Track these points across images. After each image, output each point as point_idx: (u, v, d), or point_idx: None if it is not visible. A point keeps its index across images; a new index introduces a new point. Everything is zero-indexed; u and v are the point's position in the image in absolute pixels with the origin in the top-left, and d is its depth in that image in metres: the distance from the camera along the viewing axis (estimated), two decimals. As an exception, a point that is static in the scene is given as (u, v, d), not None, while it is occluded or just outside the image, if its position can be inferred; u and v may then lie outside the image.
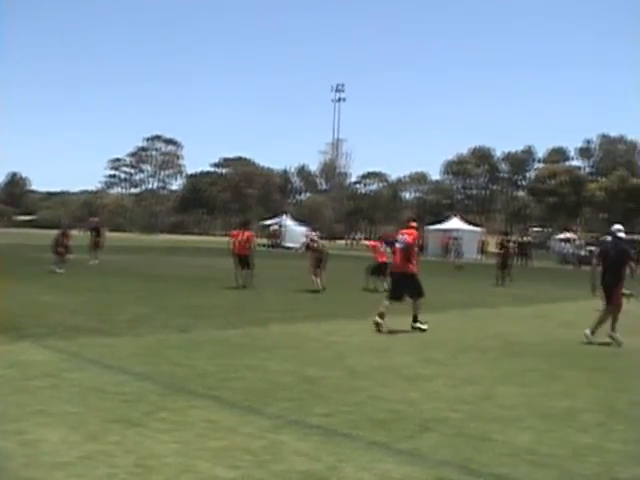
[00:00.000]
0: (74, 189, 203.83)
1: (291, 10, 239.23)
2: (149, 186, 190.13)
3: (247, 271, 24.74)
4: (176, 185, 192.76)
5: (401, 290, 16.08)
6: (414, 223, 16.97)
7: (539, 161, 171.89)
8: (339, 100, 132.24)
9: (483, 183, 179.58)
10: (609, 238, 16.19)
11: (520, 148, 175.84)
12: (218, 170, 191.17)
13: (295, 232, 77.99)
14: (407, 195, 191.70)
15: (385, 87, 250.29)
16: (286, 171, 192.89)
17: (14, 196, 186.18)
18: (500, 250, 34.79)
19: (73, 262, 29.73)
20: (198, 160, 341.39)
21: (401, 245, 16.12)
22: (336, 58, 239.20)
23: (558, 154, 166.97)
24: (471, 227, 77.60)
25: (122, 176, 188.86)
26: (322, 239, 31.49)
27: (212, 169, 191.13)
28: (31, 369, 9.85)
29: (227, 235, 29.94)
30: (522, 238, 64.17)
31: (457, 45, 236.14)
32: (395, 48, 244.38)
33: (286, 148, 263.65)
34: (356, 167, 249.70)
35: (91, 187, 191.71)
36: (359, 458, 6.57)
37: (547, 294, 24.33)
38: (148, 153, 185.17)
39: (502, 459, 6.74)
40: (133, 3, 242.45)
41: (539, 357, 12.71)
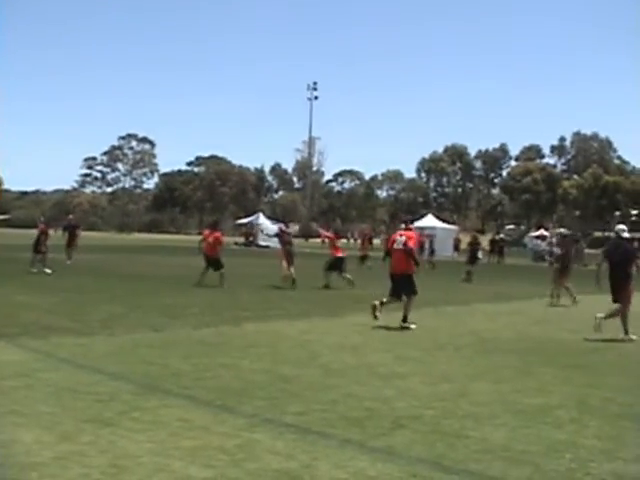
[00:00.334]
0: (48, 188, 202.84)
1: (266, 8, 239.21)
2: (123, 185, 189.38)
3: (218, 272, 24.79)
4: (150, 184, 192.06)
5: (400, 289, 16.52)
6: (409, 225, 17.57)
7: (515, 159, 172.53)
8: (315, 99, 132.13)
9: (457, 181, 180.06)
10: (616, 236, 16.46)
11: (494, 146, 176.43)
12: (192, 169, 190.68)
13: (269, 231, 77.93)
14: (382, 193, 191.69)
15: (359, 85, 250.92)
16: (261, 169, 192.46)
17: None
18: (470, 247, 35.24)
19: (48, 261, 29.54)
20: (172, 159, 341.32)
21: (400, 246, 16.42)
22: (310, 56, 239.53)
23: (532, 152, 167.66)
24: (445, 225, 77.84)
25: (96, 175, 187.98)
26: (297, 237, 31.59)
27: (186, 168, 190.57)
28: (4, 369, 9.80)
29: (200, 234, 29.87)
30: (496, 236, 64.17)
31: (431, 43, 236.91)
32: (369, 46, 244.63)
33: (260, 146, 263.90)
34: (330, 165, 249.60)
35: (65, 186, 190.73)
36: (333, 456, 6.58)
37: (521, 291, 24.42)
38: (122, 152, 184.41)
39: (476, 456, 6.76)
40: (107, 2, 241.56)
41: (513, 354, 12.75)
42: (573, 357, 12.66)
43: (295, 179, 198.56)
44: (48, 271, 27.59)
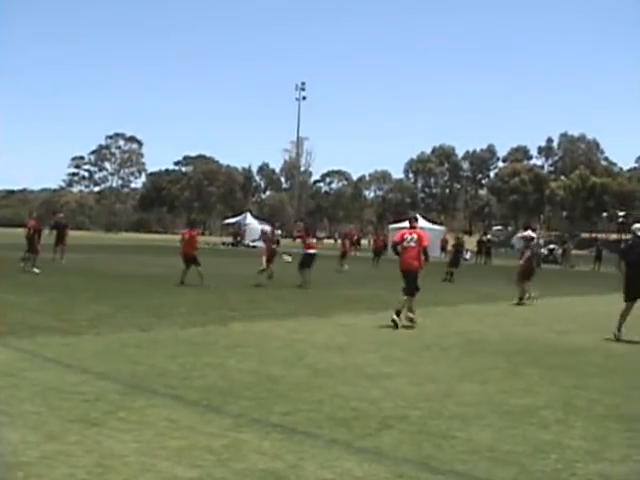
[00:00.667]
0: (35, 187, 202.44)
1: (254, 8, 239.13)
2: (110, 184, 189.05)
3: (196, 270, 24.93)
4: (138, 183, 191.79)
5: (413, 286, 17.09)
6: (417, 223, 18.13)
7: (503, 160, 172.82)
8: (303, 99, 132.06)
9: (445, 182, 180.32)
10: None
11: (482, 147, 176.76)
12: (180, 168, 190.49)
13: (257, 231, 77.92)
14: (369, 194, 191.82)
15: (347, 86, 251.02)
16: (248, 169, 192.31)
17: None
18: (454, 249, 35.59)
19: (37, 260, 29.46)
20: (159, 158, 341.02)
21: (412, 244, 16.90)
22: (298, 56, 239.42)
23: (520, 153, 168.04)
24: (433, 226, 77.87)
25: (84, 174, 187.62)
26: (284, 238, 31.70)
27: (174, 167, 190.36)
28: (-10, 368, 9.78)
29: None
30: (483, 237, 64.29)
31: (420, 44, 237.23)
32: (358, 46, 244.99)
33: (248, 146, 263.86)
34: (318, 166, 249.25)
35: (53, 185, 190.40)
36: (320, 456, 6.57)
37: (508, 292, 24.47)
38: (109, 151, 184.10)
39: (463, 456, 6.76)
40: (96, 4, 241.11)
41: (500, 355, 12.77)
42: (559, 358, 12.69)
43: (283, 179, 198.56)
44: (36, 271, 27.50)
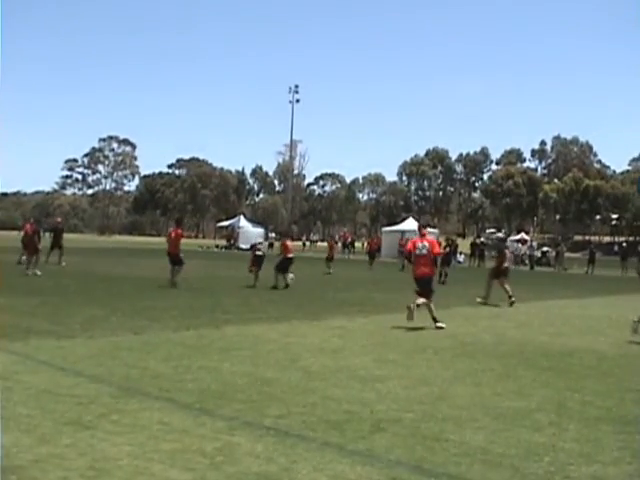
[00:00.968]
0: (28, 190, 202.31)
1: (248, 11, 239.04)
2: (104, 187, 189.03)
3: (176, 268, 25.16)
4: (131, 186, 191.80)
5: (427, 291, 17.34)
6: (425, 230, 18.56)
7: (496, 163, 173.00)
8: (296, 101, 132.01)
9: (438, 184, 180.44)
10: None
11: (475, 150, 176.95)
12: (173, 171, 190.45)
13: (251, 233, 77.94)
14: (363, 196, 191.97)
15: (341, 88, 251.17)
16: (242, 172, 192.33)
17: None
18: (444, 249, 35.78)
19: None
20: (153, 161, 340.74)
21: (424, 252, 17.40)
22: (291, 59, 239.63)
23: (513, 155, 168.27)
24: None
25: (77, 177, 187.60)
26: (278, 241, 31.80)
27: (167, 170, 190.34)
28: (-17, 372, 9.77)
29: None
30: (476, 239, 64.32)
31: (413, 47, 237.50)
32: (351, 50, 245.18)
33: (241, 149, 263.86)
34: (312, 168, 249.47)
35: (46, 188, 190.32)
36: (313, 459, 6.57)
37: (501, 295, 24.44)
38: (103, 154, 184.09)
39: (456, 459, 6.77)
40: (88, 4, 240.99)
41: (493, 357, 12.78)
42: (553, 360, 12.69)
43: (276, 182, 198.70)
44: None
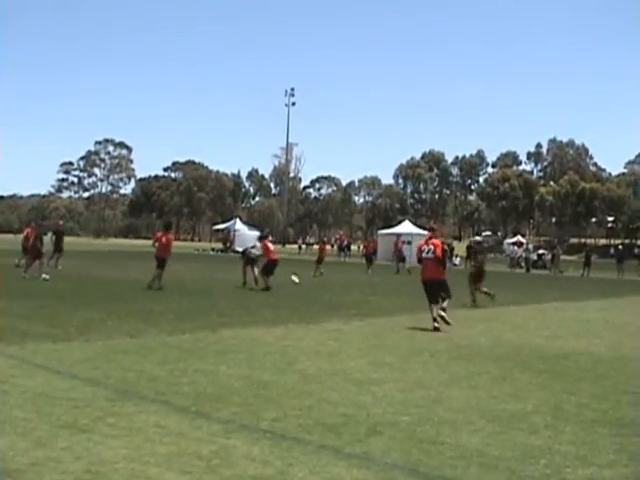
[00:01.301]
0: (24, 193, 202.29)
1: (244, 13, 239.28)
2: (100, 190, 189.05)
3: (158, 271, 25.29)
4: (127, 189, 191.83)
5: (436, 294, 17.42)
6: (436, 233, 18.99)
7: (492, 166, 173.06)
8: (292, 104, 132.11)
9: (434, 187, 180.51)
10: None
11: (471, 152, 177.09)
12: (169, 174, 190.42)
13: (247, 237, 77.88)
14: (359, 199, 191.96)
15: (337, 91, 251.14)
16: (238, 175, 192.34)
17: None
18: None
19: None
20: (149, 164, 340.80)
21: (430, 255, 17.59)
22: (288, 62, 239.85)
23: (509, 158, 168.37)
24: (422, 231, 77.91)
25: (73, 180, 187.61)
26: (274, 244, 31.90)
27: (163, 173, 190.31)
28: (-21, 375, 9.76)
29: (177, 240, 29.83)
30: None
31: (409, 51, 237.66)
32: (347, 53, 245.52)
33: (237, 152, 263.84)
34: (308, 171, 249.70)
35: (42, 191, 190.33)
36: (309, 462, 6.58)
37: (497, 297, 24.43)
38: (99, 157, 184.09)
39: (452, 462, 6.78)
40: (85, 7, 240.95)
41: (489, 360, 12.79)
42: (549, 363, 12.71)
43: (272, 185, 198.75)
44: (28, 276, 27.45)
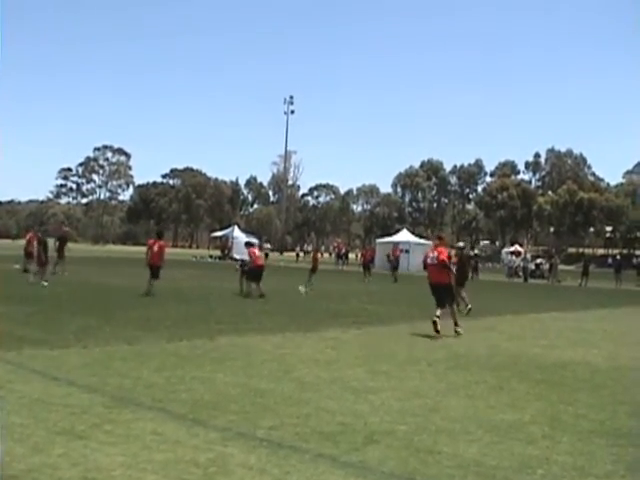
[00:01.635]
0: (22, 198, 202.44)
1: (244, 22, 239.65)
2: (98, 196, 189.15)
3: (153, 279, 25.50)
4: (125, 195, 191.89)
5: (442, 299, 18.06)
6: (443, 241, 19.89)
7: (491, 175, 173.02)
8: (291, 112, 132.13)
9: (432, 196, 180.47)
10: None
11: (470, 161, 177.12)
12: (167, 181, 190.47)
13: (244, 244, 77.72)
14: (357, 208, 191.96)
15: (335, 99, 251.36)
16: (236, 182, 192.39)
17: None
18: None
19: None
20: (147, 170, 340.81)
21: (435, 262, 18.15)
22: (287, 70, 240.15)
23: (507, 168, 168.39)
24: (420, 240, 78.00)
25: (71, 186, 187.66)
26: (272, 251, 31.89)
27: (161, 180, 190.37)
28: (-24, 381, 9.75)
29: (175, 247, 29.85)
30: (470, 251, 64.28)
31: (408, 59, 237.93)
32: (346, 61, 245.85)
33: (236, 159, 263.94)
34: (306, 179, 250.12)
35: (40, 197, 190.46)
36: (306, 471, 6.57)
37: (494, 307, 24.47)
38: (97, 163, 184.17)
39: (449, 471, 6.77)
40: (85, 13, 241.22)
41: (486, 369, 12.79)
42: (546, 373, 12.70)
43: (270, 192, 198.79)
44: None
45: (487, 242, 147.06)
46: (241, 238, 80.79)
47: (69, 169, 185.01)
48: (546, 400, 10.33)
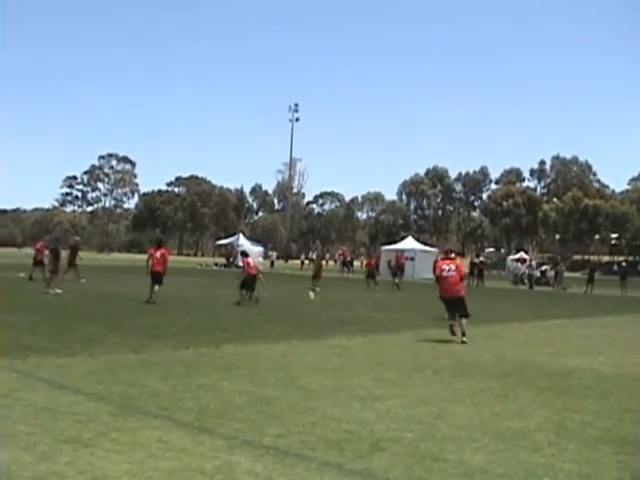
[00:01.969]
0: (28, 206, 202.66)
1: (247, 29, 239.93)
2: (103, 204, 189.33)
3: (156, 287, 25.48)
4: (130, 204, 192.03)
5: (455, 310, 18.40)
6: (455, 255, 19.87)
7: (496, 182, 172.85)
8: (296, 120, 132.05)
9: (438, 204, 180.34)
10: None
11: (475, 169, 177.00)
12: (172, 189, 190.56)
13: (250, 252, 77.75)
14: (362, 215, 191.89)
15: (340, 107, 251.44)
16: (241, 190, 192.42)
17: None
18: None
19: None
20: (152, 179, 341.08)
21: (452, 273, 18.46)
22: (291, 77, 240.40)
23: (512, 175, 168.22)
24: (425, 247, 77.97)
25: (77, 194, 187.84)
26: (278, 259, 31.89)
27: (167, 188, 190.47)
28: (-18, 389, 9.77)
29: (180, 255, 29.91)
30: (475, 258, 64.13)
31: (412, 67, 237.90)
32: (351, 69, 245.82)
33: (241, 167, 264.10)
34: (311, 187, 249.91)
35: (46, 205, 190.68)
36: (312, 479, 6.57)
37: (500, 314, 24.45)
38: (103, 171, 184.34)
39: (455, 479, 6.77)
40: (89, 18, 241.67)
41: (492, 377, 12.77)
42: (552, 380, 12.68)
43: (275, 200, 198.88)
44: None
45: (492, 249, 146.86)
46: (246, 246, 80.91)
47: (74, 177, 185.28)
48: (552, 408, 10.32)
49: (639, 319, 29.72)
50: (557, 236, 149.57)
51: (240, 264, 30.42)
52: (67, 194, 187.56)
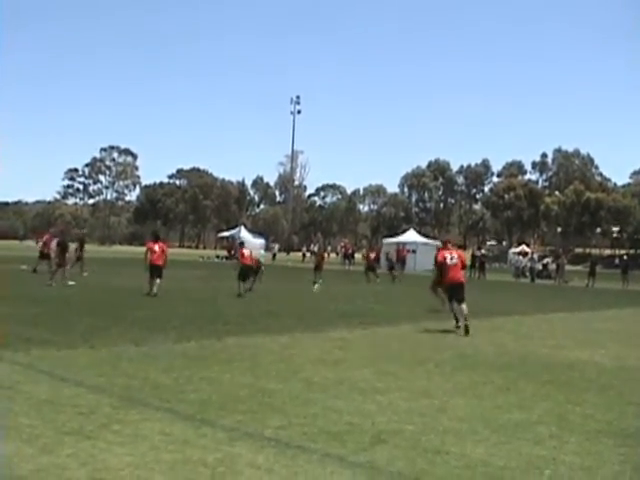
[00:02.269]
0: (29, 199, 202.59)
1: (250, 21, 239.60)
2: (105, 197, 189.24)
3: (158, 280, 25.48)
4: (132, 196, 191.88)
5: (455, 295, 19.02)
6: (452, 246, 20.50)
7: (497, 175, 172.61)
8: (298, 112, 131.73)
9: (439, 196, 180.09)
10: None
11: (476, 161, 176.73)
12: (174, 181, 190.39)
13: (251, 244, 77.72)
14: (363, 208, 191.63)
15: (342, 99, 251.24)
16: (243, 183, 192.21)
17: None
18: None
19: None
20: (154, 171, 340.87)
21: (455, 261, 19.17)
22: (293, 70, 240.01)
23: (514, 168, 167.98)
24: (427, 240, 77.97)
25: (78, 187, 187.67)
26: (279, 251, 32.02)
27: (168, 180, 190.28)
28: (-16, 381, 9.77)
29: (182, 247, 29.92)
30: (477, 251, 64.13)
31: (416, 60, 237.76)
32: (353, 61, 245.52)
33: (242, 159, 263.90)
34: (313, 179, 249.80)
35: (47, 197, 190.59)
36: (314, 471, 6.57)
37: (502, 307, 24.45)
38: (104, 163, 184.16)
39: (457, 471, 6.77)
40: (90, 12, 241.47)
41: (493, 369, 12.77)
42: (553, 373, 12.68)
43: (277, 193, 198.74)
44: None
45: (494, 242, 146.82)
46: (248, 238, 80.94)
47: (76, 170, 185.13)
48: (553, 400, 10.32)
49: (641, 312, 29.72)
50: (559, 229, 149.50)
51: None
52: (69, 186, 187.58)
